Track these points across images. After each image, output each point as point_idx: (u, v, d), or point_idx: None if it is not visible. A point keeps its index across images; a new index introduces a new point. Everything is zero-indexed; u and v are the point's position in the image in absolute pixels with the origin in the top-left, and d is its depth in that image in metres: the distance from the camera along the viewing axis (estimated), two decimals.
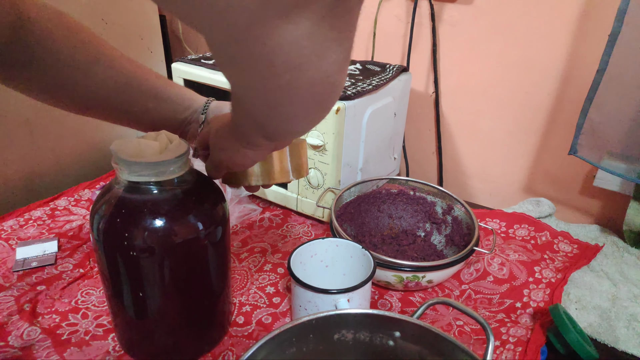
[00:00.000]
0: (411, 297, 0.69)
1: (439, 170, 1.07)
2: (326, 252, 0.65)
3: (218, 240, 0.52)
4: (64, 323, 0.61)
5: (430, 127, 1.05)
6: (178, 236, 0.48)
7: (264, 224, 0.86)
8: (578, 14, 0.81)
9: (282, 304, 0.67)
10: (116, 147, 0.47)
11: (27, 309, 0.63)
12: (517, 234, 0.83)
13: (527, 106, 0.92)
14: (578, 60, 0.84)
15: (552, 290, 0.69)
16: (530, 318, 0.64)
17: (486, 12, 0.89)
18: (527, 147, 0.95)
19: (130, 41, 1.05)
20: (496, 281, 0.72)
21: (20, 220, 0.82)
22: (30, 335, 0.59)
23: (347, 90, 0.78)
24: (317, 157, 0.79)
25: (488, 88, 0.95)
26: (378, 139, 0.87)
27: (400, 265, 0.64)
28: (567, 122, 0.88)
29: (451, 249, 0.77)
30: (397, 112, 0.90)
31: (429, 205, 0.83)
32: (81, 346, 0.57)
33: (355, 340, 0.46)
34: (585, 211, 0.94)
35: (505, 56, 0.90)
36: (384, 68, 0.92)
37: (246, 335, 0.61)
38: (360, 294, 0.56)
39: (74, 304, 0.64)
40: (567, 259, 0.77)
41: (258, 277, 0.72)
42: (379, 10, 0.99)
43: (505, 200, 1.01)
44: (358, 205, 0.82)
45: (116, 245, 0.47)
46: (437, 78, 0.99)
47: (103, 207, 0.48)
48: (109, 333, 0.60)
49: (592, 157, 0.79)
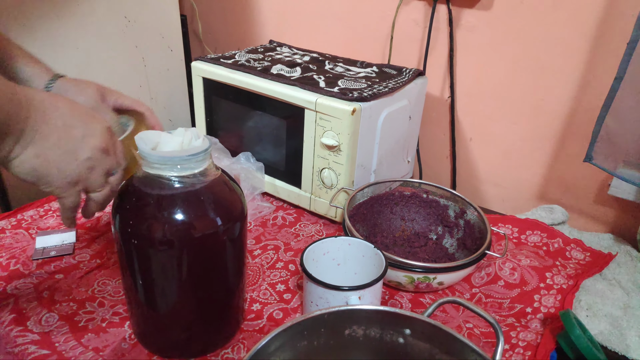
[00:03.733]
0: (421, 299, 0.70)
1: (453, 175, 1.07)
2: (338, 251, 0.65)
3: (236, 236, 0.53)
4: (81, 310, 0.62)
5: (445, 131, 1.05)
6: (197, 230, 0.49)
7: (277, 222, 0.87)
8: (597, 20, 0.81)
9: (293, 301, 0.67)
10: (139, 140, 0.48)
11: (45, 296, 0.65)
12: (530, 240, 0.83)
13: (542, 112, 0.92)
14: (595, 67, 0.84)
15: (563, 296, 0.69)
16: (541, 323, 0.64)
17: (504, 17, 0.89)
18: (542, 154, 0.95)
19: (152, 39, 1.07)
20: (507, 286, 0.72)
21: (40, 211, 0.84)
22: (48, 321, 0.60)
23: (363, 92, 0.79)
24: (331, 157, 0.79)
25: (504, 93, 0.95)
26: (392, 141, 0.88)
27: (412, 266, 0.65)
28: (583, 129, 0.88)
29: (463, 252, 0.77)
30: (412, 115, 0.91)
31: (441, 209, 0.83)
32: (98, 333, 0.59)
33: (365, 336, 0.47)
34: (599, 219, 0.93)
35: (522, 62, 0.91)
36: (400, 71, 0.93)
37: (257, 330, 0.62)
38: (371, 292, 0.57)
39: (91, 293, 0.66)
40: (579, 266, 0.77)
41: (270, 273, 0.73)
42: (397, 14, 1.00)
43: (518, 207, 1.01)
44: (371, 207, 0.83)
45: (136, 238, 0.49)
46: (453, 82, 0.99)
47: (125, 199, 0.50)
48: (125, 320, 0.61)
49: (608, 165, 0.79)
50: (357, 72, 0.92)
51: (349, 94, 0.77)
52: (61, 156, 0.44)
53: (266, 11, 1.20)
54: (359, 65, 0.97)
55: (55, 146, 0.43)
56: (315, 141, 0.80)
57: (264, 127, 0.88)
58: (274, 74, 0.86)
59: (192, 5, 1.28)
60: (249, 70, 0.87)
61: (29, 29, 0.84)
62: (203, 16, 1.30)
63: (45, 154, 0.43)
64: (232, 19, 1.27)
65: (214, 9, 1.28)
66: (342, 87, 0.81)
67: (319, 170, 0.82)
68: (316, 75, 0.87)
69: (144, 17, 1.03)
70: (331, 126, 0.77)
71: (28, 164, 0.42)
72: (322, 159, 0.81)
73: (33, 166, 0.42)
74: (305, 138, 0.82)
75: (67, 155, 0.44)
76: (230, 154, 0.93)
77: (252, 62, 0.92)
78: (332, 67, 0.93)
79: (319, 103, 0.77)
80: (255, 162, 0.90)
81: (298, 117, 0.81)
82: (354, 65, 0.96)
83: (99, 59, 0.97)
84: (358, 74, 0.90)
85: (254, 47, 1.06)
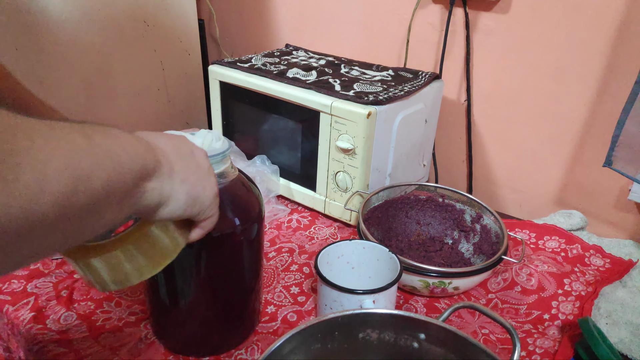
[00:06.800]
0: (436, 304, 0.69)
1: (469, 179, 1.06)
2: (353, 254, 0.65)
3: (253, 237, 0.54)
4: (98, 310, 0.63)
5: (461, 135, 1.04)
6: (215, 230, 0.49)
7: (292, 225, 0.87)
8: (617, 24, 0.80)
9: (307, 303, 0.67)
10: None
11: (64, 295, 0.66)
12: (547, 245, 0.82)
13: (560, 116, 0.91)
14: (615, 70, 0.82)
15: (582, 303, 0.68)
16: (558, 330, 0.63)
17: (522, 21, 0.89)
18: (560, 158, 0.93)
19: (170, 43, 1.08)
20: (524, 291, 0.71)
21: None
22: (67, 320, 0.62)
23: (379, 95, 0.79)
24: (346, 161, 0.79)
25: (521, 97, 0.94)
26: (408, 145, 0.87)
27: (427, 270, 0.64)
28: (602, 134, 0.86)
29: (479, 257, 0.76)
30: (428, 118, 0.90)
31: (457, 213, 0.82)
32: (115, 332, 0.60)
33: (380, 340, 0.47)
34: (618, 225, 0.91)
35: (540, 65, 0.90)
36: (416, 75, 0.92)
37: (271, 332, 0.62)
38: (386, 295, 0.57)
39: (108, 293, 0.67)
40: (598, 273, 0.75)
41: (284, 276, 0.73)
42: (413, 18, 1.00)
43: (536, 212, 1.00)
44: (386, 210, 0.83)
45: None
46: (470, 86, 0.99)
47: None
48: (141, 320, 0.62)
49: (628, 170, 0.77)
50: (372, 75, 0.92)
51: (364, 98, 0.77)
52: (196, 173, 0.42)
53: (283, 15, 1.21)
54: (374, 68, 0.97)
55: (186, 167, 0.41)
56: (331, 144, 0.80)
57: (280, 130, 0.89)
58: (290, 78, 0.86)
59: (210, 9, 1.29)
60: (265, 74, 0.87)
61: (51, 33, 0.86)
62: (220, 20, 1.32)
63: (187, 177, 0.40)
64: (249, 23, 1.28)
65: (231, 13, 1.29)
66: (358, 90, 0.81)
67: (334, 173, 0.82)
68: (332, 78, 0.87)
69: (163, 21, 1.05)
70: (346, 129, 0.77)
71: (182, 192, 0.40)
72: (337, 162, 0.81)
73: (186, 191, 0.40)
74: (321, 141, 0.82)
75: (198, 171, 0.42)
76: (246, 156, 0.93)
77: (268, 66, 0.93)
78: (347, 71, 0.93)
79: (334, 106, 0.77)
80: (271, 165, 0.91)
81: (313, 121, 0.81)
82: (370, 69, 0.96)
83: (119, 62, 0.99)
84: (374, 77, 0.90)
85: (271, 51, 1.06)
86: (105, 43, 0.95)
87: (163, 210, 0.39)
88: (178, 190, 0.39)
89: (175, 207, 0.39)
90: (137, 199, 0.35)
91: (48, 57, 0.86)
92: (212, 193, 0.43)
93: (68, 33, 0.88)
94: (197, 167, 0.42)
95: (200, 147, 0.45)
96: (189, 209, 0.41)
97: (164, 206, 0.38)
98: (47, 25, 0.85)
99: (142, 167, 0.35)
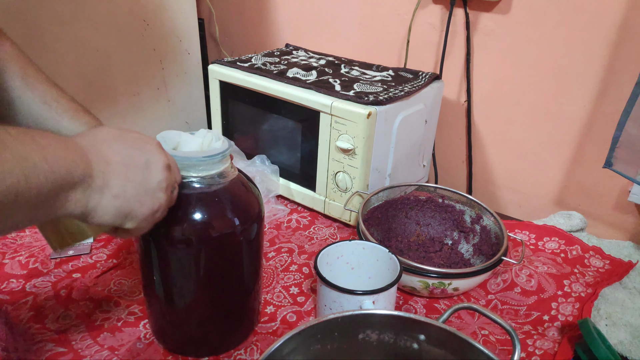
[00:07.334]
0: (436, 304, 0.69)
1: (469, 180, 1.06)
2: (352, 254, 0.65)
3: (253, 237, 0.54)
4: (97, 309, 0.63)
5: (461, 136, 1.04)
6: (215, 230, 0.49)
7: (292, 225, 0.87)
8: (618, 25, 0.79)
9: (307, 304, 0.67)
10: (160, 140, 0.49)
11: (63, 294, 0.66)
12: (547, 246, 0.82)
13: (560, 117, 0.91)
14: (615, 71, 0.82)
15: (582, 304, 0.68)
16: (558, 331, 0.63)
17: (522, 21, 0.89)
18: (560, 159, 0.93)
19: (169, 42, 1.08)
20: (523, 292, 0.71)
21: None
22: (65, 319, 0.61)
23: (379, 95, 0.79)
24: (346, 161, 0.79)
25: (521, 98, 0.94)
26: (408, 145, 0.87)
27: (427, 271, 0.64)
28: (602, 135, 0.86)
29: (479, 258, 0.76)
30: (428, 119, 0.90)
31: (457, 214, 0.82)
32: (114, 332, 0.59)
33: (379, 341, 0.47)
34: (618, 227, 0.91)
35: (540, 66, 0.89)
36: (416, 75, 0.92)
37: (271, 332, 0.62)
38: (385, 296, 0.56)
39: (107, 292, 0.66)
40: (598, 274, 0.75)
41: (284, 276, 0.73)
42: (413, 18, 0.99)
43: (535, 212, 1.00)
44: (385, 210, 0.82)
45: (155, 236, 0.49)
46: (470, 87, 0.98)
47: None
48: (140, 320, 0.62)
49: (628, 171, 0.77)
50: (372, 75, 0.92)
51: (364, 98, 0.77)
52: (137, 188, 0.42)
53: (283, 15, 1.21)
54: (374, 69, 0.96)
55: (128, 181, 0.41)
56: (330, 144, 0.80)
57: (280, 130, 0.89)
58: (290, 78, 0.86)
59: (210, 9, 1.29)
60: (265, 74, 0.87)
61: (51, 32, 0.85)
62: (220, 20, 1.31)
63: (123, 193, 0.41)
64: (249, 22, 1.28)
65: (231, 12, 1.29)
66: (358, 90, 0.81)
67: (334, 173, 0.82)
68: (332, 78, 0.87)
69: (163, 20, 1.05)
70: (346, 130, 0.77)
71: (111, 207, 0.40)
72: (337, 162, 0.81)
73: (116, 207, 0.40)
74: (320, 141, 0.82)
75: (141, 186, 0.42)
76: (246, 156, 0.93)
77: (268, 66, 0.93)
78: (347, 71, 0.93)
79: (334, 106, 0.77)
80: (270, 164, 0.91)
81: (313, 121, 0.81)
82: (370, 69, 0.96)
83: (118, 61, 0.99)
84: (374, 77, 0.90)
85: (271, 51, 1.06)
86: (104, 42, 0.95)
87: (89, 219, 0.40)
88: (106, 205, 0.40)
89: (102, 220, 0.40)
90: (58, 208, 0.37)
91: (48, 56, 0.86)
92: (149, 210, 0.43)
93: (68, 32, 0.88)
94: (143, 182, 0.42)
95: (165, 158, 0.44)
96: (118, 220, 0.42)
97: (90, 216, 0.40)
98: (47, 25, 0.85)
99: (62, 178, 0.36)
